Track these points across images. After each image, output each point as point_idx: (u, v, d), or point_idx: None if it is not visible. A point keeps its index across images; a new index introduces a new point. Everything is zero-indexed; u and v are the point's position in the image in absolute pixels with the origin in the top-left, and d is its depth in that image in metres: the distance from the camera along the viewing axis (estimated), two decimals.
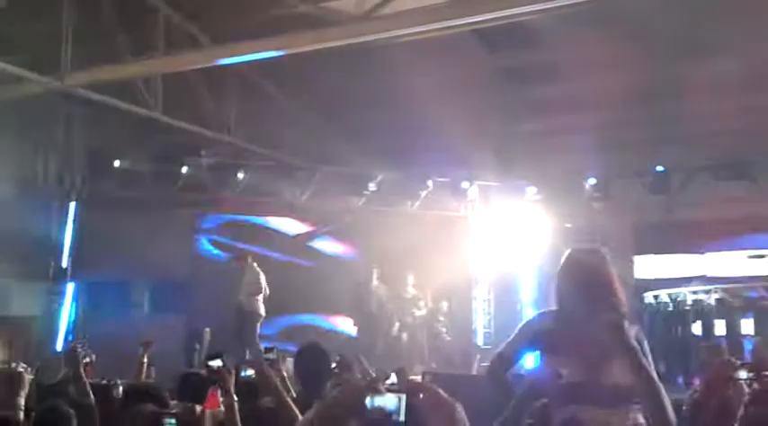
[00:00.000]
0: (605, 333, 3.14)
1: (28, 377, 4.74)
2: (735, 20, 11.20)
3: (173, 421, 3.38)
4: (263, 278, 12.71)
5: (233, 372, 4.12)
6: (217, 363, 4.13)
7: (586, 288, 3.60)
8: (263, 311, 12.65)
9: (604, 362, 3.44)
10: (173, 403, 4.32)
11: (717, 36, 11.39)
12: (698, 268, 14.80)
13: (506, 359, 3.81)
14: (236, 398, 4.00)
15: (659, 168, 14.42)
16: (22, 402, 4.26)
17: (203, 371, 4.37)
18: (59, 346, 12.67)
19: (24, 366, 7.20)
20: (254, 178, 14.61)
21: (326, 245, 16.07)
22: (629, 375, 3.09)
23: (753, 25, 11.15)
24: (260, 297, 12.63)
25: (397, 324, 14.70)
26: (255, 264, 12.91)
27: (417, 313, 14.82)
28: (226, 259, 13.20)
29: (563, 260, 3.78)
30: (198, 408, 4.15)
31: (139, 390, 4.41)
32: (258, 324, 12.59)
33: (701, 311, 12.88)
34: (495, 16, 10.45)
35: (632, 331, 3.27)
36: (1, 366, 10.92)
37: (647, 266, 15.20)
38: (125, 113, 12.94)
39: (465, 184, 15.56)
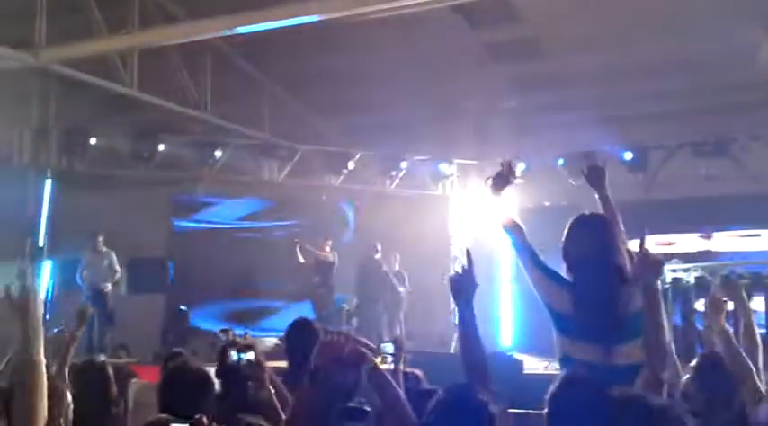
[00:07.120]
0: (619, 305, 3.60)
1: None
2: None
3: None
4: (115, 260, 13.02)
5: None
6: (249, 356, 3.76)
7: (596, 251, 3.83)
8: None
9: (619, 345, 3.59)
10: None
11: (693, 15, 11.39)
12: (679, 247, 14.68)
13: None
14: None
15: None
16: None
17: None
18: None
19: None
20: (232, 156, 14.45)
21: None
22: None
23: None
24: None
25: (380, 302, 14.64)
26: (105, 248, 13.07)
27: (401, 289, 14.74)
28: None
29: (570, 224, 3.97)
30: None
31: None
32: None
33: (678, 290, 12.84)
34: None
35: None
36: None
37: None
38: (101, 90, 12.71)
39: (443, 165, 15.56)
